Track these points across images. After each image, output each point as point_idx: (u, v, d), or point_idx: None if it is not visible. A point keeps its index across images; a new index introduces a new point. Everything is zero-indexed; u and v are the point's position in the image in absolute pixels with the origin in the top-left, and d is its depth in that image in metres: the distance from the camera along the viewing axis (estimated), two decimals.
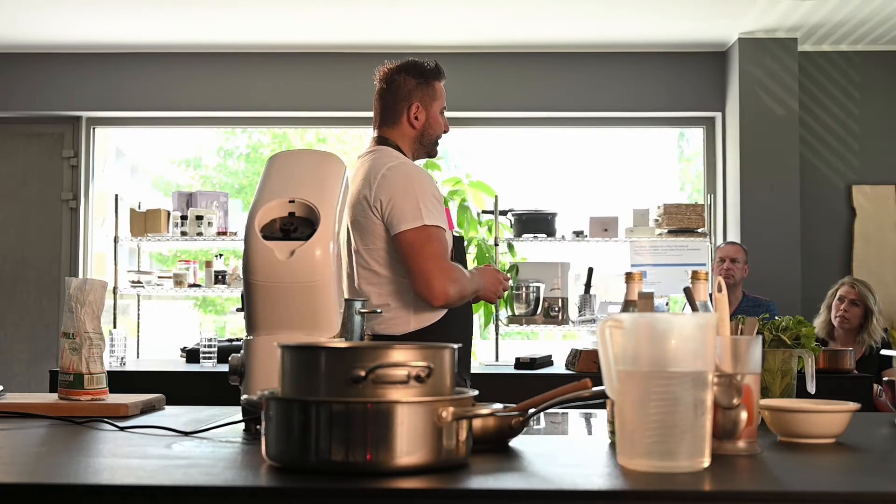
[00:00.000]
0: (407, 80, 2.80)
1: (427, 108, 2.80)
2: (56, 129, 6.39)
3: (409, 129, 2.79)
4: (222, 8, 5.48)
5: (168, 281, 5.82)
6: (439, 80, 2.85)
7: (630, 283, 1.74)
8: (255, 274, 1.77)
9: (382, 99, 2.82)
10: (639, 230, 5.80)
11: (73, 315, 1.97)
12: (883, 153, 6.12)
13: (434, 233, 2.60)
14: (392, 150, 2.75)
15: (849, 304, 4.91)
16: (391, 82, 2.80)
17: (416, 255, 2.58)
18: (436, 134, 2.84)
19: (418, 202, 2.60)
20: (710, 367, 1.36)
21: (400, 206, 2.60)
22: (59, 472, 1.37)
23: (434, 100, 2.82)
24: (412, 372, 1.33)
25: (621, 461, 1.37)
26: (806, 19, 5.59)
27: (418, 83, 2.80)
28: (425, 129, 2.80)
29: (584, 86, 6.18)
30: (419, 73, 2.81)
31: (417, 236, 2.58)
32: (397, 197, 2.60)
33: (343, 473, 1.29)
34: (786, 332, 1.96)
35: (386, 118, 2.81)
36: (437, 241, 2.61)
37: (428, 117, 2.80)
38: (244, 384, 1.77)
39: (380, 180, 2.63)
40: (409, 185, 2.62)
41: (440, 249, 2.60)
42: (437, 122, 2.83)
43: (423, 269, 2.57)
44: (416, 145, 2.81)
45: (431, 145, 2.84)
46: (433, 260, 2.58)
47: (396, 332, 2.67)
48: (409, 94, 2.78)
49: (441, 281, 2.57)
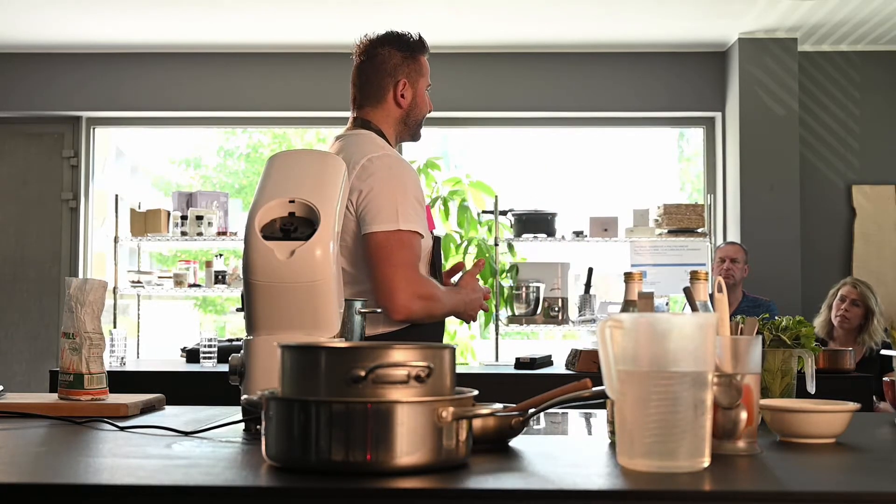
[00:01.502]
0: (392, 53, 2.52)
1: (414, 86, 2.54)
2: (56, 129, 6.39)
3: (395, 109, 2.53)
4: (222, 8, 5.48)
5: (168, 281, 5.82)
6: (424, 53, 2.58)
7: (630, 283, 1.74)
8: (255, 274, 1.77)
9: (363, 74, 2.54)
10: (639, 230, 5.81)
11: (73, 315, 1.97)
12: (883, 153, 6.12)
13: (408, 239, 2.35)
14: (374, 135, 2.50)
15: (850, 304, 4.91)
16: (373, 56, 2.52)
17: (383, 260, 2.32)
18: (422, 114, 2.58)
19: (397, 202, 2.35)
20: (710, 367, 1.36)
21: (376, 202, 2.35)
22: (59, 472, 1.37)
23: (421, 76, 2.56)
24: (412, 372, 1.33)
25: (621, 461, 1.37)
26: (806, 19, 5.59)
27: (404, 57, 2.53)
28: (411, 109, 2.55)
29: (584, 86, 6.18)
30: (405, 45, 2.54)
31: (388, 240, 2.33)
32: (375, 192, 2.35)
33: (343, 473, 1.29)
34: (786, 332, 1.96)
35: (368, 96, 2.53)
36: (409, 248, 2.35)
37: (415, 95, 2.54)
38: (244, 384, 1.77)
39: (359, 171, 2.37)
40: (389, 182, 2.37)
41: (411, 258, 2.35)
42: (424, 101, 2.58)
43: (388, 277, 2.32)
44: (400, 126, 2.56)
45: (416, 126, 2.59)
46: (401, 268, 2.32)
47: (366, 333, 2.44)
48: (395, 69, 2.52)
49: (405, 294, 2.31)
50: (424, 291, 2.37)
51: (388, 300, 2.32)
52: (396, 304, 2.32)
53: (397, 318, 2.35)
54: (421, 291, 2.36)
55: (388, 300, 2.32)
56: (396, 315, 2.34)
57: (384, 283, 2.33)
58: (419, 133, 2.63)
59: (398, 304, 2.32)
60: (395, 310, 2.32)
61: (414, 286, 2.34)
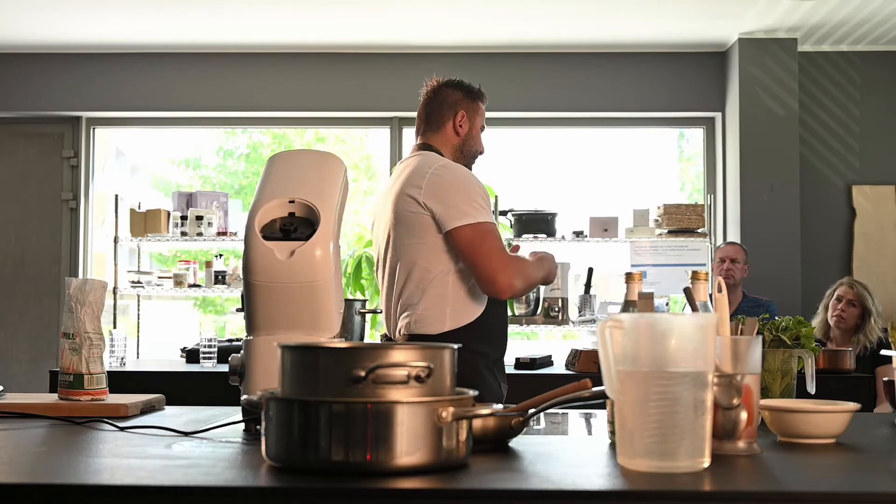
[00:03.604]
0: (454, 92, 2.87)
1: (471, 120, 2.87)
2: (56, 129, 6.39)
3: (453, 136, 2.84)
4: (222, 8, 5.48)
5: (168, 281, 5.82)
6: (483, 101, 2.93)
7: (630, 283, 1.74)
8: (255, 274, 1.77)
9: (427, 107, 2.88)
10: (639, 230, 5.81)
11: (73, 315, 1.97)
12: (883, 153, 6.12)
13: (489, 228, 2.62)
14: (434, 154, 2.79)
15: (846, 305, 4.91)
16: (438, 92, 2.88)
17: (476, 251, 2.59)
18: (476, 148, 2.90)
19: (471, 200, 2.62)
20: (710, 367, 1.36)
21: (454, 203, 2.61)
22: (59, 472, 1.37)
23: (477, 115, 2.90)
24: (412, 372, 1.33)
25: (621, 461, 1.37)
26: (806, 19, 5.59)
27: (464, 96, 2.87)
28: (467, 139, 2.86)
29: (585, 86, 6.18)
30: (466, 89, 2.90)
31: (474, 232, 2.60)
32: (450, 194, 2.62)
33: (343, 473, 1.29)
34: (786, 332, 1.96)
35: (430, 124, 2.86)
36: (494, 236, 2.63)
37: (471, 128, 2.86)
38: (244, 384, 1.77)
39: (430, 178, 2.64)
40: (460, 183, 2.65)
41: (499, 244, 2.62)
42: (479, 138, 2.91)
43: (486, 265, 2.58)
44: (457, 154, 2.84)
45: (471, 158, 2.89)
46: (493, 255, 2.59)
47: (431, 331, 2.63)
48: (455, 103, 2.85)
49: (506, 275, 2.58)
50: (520, 268, 2.65)
51: (493, 284, 2.59)
52: (501, 285, 2.59)
53: (505, 297, 2.64)
54: (516, 268, 2.63)
55: (493, 284, 2.59)
56: (504, 294, 2.62)
57: (485, 272, 2.59)
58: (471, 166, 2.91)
59: (502, 285, 2.59)
60: (502, 290, 2.60)
61: (510, 267, 2.61)
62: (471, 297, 2.67)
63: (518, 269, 2.64)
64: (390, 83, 6.15)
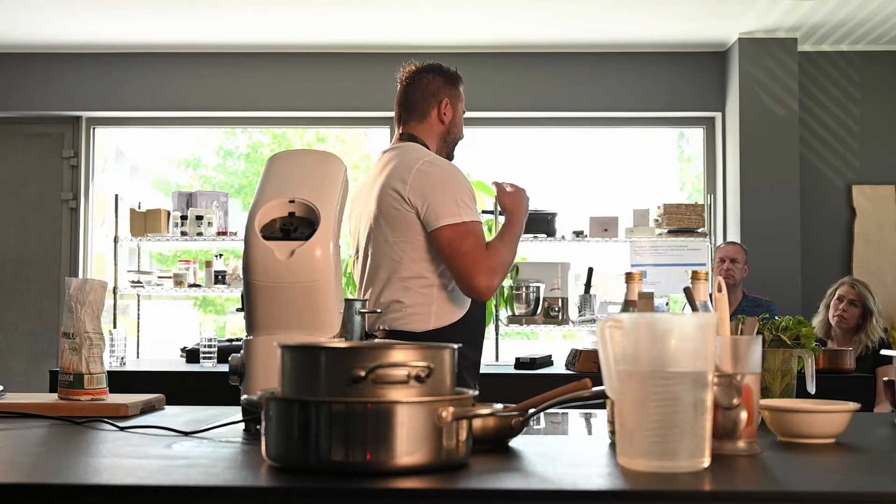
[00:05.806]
0: (435, 78, 2.82)
1: (454, 107, 2.82)
2: (56, 129, 6.38)
3: (438, 125, 2.80)
4: (222, 8, 5.48)
5: (168, 281, 5.82)
6: (461, 84, 2.89)
7: (630, 283, 1.74)
8: (255, 274, 1.77)
9: (408, 94, 2.82)
10: (639, 230, 5.80)
11: (73, 315, 1.97)
12: (883, 153, 6.12)
13: (472, 228, 2.60)
14: (419, 146, 2.74)
15: (847, 304, 4.91)
16: (418, 80, 2.82)
17: (455, 251, 2.57)
18: (459, 135, 2.86)
19: (456, 198, 2.59)
20: (710, 367, 1.36)
21: (439, 201, 2.58)
22: (59, 472, 1.37)
23: (459, 100, 2.85)
24: (412, 372, 1.32)
25: (621, 461, 1.37)
26: (806, 19, 5.59)
27: (445, 82, 2.83)
28: (451, 127, 2.82)
29: (585, 86, 6.18)
30: (446, 74, 2.85)
31: (455, 233, 2.57)
32: (436, 192, 2.59)
33: (343, 473, 1.29)
34: (786, 332, 1.96)
35: (413, 113, 2.80)
36: (474, 236, 2.60)
37: (454, 115, 2.82)
38: (244, 384, 1.77)
39: (415, 174, 2.60)
40: (446, 181, 2.62)
41: (478, 244, 2.59)
42: (461, 124, 2.86)
43: (463, 266, 2.56)
44: (440, 142, 2.80)
45: (453, 145, 2.85)
46: (470, 256, 2.56)
47: (416, 328, 2.62)
48: (438, 90, 2.80)
49: (482, 277, 2.56)
50: (492, 263, 2.60)
51: (470, 288, 2.59)
52: (479, 287, 2.58)
53: (484, 298, 2.62)
54: (490, 265, 2.59)
55: (470, 288, 2.59)
56: (484, 297, 2.61)
57: (461, 274, 2.58)
58: (453, 154, 2.86)
59: (480, 287, 2.58)
60: (481, 293, 2.59)
61: (485, 264, 2.58)
62: (455, 297, 2.66)
63: (496, 267, 2.60)
64: (390, 83, 6.07)
